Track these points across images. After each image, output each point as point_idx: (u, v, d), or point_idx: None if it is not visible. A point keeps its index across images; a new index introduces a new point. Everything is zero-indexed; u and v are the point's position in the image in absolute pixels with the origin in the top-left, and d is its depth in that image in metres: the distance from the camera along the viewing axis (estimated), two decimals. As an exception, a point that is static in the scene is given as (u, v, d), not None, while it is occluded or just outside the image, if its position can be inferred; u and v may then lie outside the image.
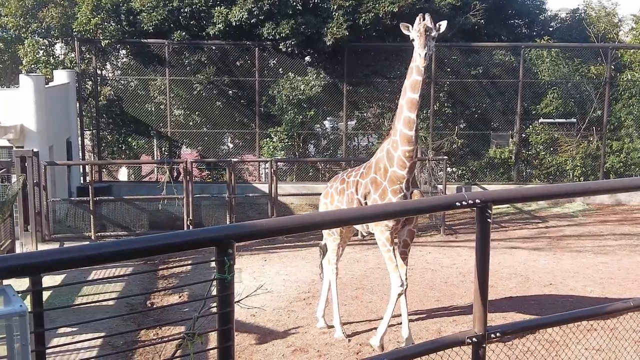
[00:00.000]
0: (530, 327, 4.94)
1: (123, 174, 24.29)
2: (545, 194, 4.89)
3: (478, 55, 19.24)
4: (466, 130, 19.68)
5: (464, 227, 15.82)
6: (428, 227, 15.58)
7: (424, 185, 16.39)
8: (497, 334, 4.27)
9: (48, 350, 4.03)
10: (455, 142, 19.00)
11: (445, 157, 16.10)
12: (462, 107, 19.71)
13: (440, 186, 15.70)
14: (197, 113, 19.52)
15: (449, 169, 18.08)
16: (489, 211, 4.04)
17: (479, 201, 3.97)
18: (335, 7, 17.79)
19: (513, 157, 19.28)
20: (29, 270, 2.69)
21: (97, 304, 9.82)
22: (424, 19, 7.16)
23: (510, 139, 19.59)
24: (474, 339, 4.07)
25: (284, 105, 18.79)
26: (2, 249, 10.93)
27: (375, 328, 8.75)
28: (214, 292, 3.26)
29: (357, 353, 8.28)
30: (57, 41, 19.97)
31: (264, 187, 16.93)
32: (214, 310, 3.54)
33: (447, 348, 4.24)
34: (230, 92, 19.54)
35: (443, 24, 7.29)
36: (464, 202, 3.98)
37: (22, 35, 19.36)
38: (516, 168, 19.39)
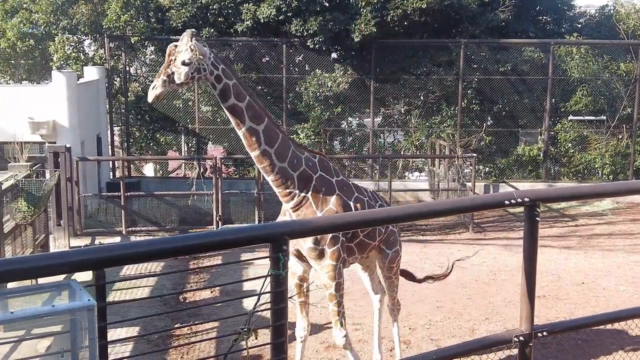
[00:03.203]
0: (577, 327, 4.92)
1: (149, 169, 24.49)
2: (595, 192, 4.84)
3: (507, 52, 19.09)
4: (494, 127, 19.54)
5: (492, 225, 15.74)
6: (456, 224, 15.53)
7: (452, 183, 16.34)
8: (544, 333, 4.26)
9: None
10: (483, 140, 18.88)
11: (474, 154, 16.01)
12: (490, 104, 19.57)
13: (468, 184, 15.62)
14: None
15: (476, 166, 17.97)
16: (537, 210, 4.02)
17: (527, 199, 3.95)
18: (363, 3, 17.76)
19: (542, 154, 19.12)
20: (95, 264, 2.72)
21: (140, 300, 9.95)
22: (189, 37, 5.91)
23: (539, 137, 19.43)
24: (521, 338, 4.07)
25: (311, 102, 18.81)
26: (37, 243, 11.08)
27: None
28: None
29: (390, 350, 8.29)
30: (87, 38, 20.17)
31: (292, 184, 16.95)
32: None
33: (494, 347, 4.23)
34: (258, 88, 19.60)
35: (201, 50, 6.02)
36: (512, 201, 3.97)
37: (53, 31, 19.58)
38: (545, 166, 19.24)
